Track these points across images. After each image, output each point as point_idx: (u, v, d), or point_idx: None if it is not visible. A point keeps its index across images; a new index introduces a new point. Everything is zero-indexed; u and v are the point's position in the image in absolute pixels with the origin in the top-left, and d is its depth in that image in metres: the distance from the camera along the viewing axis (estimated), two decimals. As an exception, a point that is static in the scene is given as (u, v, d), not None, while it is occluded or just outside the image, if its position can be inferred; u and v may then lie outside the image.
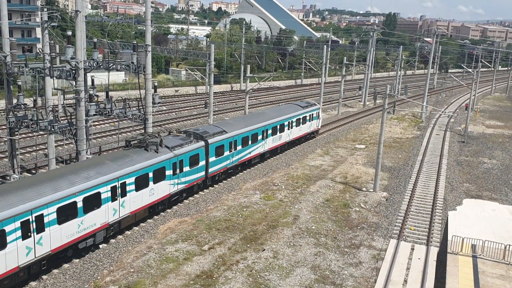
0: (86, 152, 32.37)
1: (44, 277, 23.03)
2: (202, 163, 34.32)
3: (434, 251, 26.74)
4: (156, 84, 37.62)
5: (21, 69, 32.46)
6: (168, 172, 30.48)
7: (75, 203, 23.52)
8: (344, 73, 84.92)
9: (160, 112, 62.92)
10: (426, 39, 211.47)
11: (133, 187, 27.39)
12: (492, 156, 50.02)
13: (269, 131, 43.79)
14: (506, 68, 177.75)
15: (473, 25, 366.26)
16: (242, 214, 30.61)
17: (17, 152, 35.51)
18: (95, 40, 36.58)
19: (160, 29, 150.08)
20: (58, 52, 35.27)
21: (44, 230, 22.04)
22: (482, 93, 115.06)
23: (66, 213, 23.14)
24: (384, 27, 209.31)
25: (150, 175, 28.72)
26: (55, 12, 35.80)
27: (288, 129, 47.49)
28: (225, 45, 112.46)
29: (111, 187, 25.76)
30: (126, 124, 52.42)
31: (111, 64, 33.48)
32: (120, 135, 48.52)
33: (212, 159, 35.69)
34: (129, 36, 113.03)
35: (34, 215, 21.42)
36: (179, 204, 32.85)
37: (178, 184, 31.80)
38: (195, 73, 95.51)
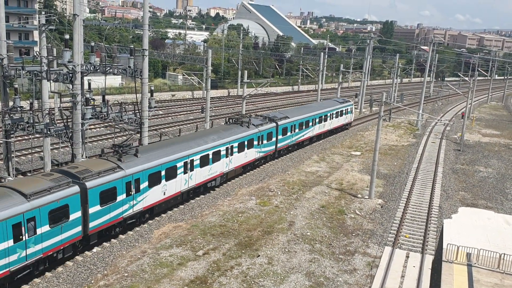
0: (82, 156, 32.28)
1: (37, 280, 22.87)
2: (273, 139, 45.18)
3: (429, 259, 26.73)
4: (152, 88, 37.61)
5: (18, 71, 32.41)
6: (255, 143, 41.73)
7: (208, 155, 34.93)
8: (341, 80, 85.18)
9: (156, 117, 62.86)
10: (423, 47, 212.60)
11: (236, 150, 38.73)
12: (488, 164, 50.16)
13: (317, 120, 54.58)
14: (503, 77, 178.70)
15: (470, 34, 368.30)
16: (237, 219, 30.53)
17: (12, 155, 35.38)
18: (93, 44, 36.58)
19: (158, 34, 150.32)
20: (55, 55, 35.30)
21: (193, 170, 33.39)
22: (478, 101, 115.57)
23: (204, 161, 34.46)
24: (381, 35, 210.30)
25: (246, 143, 40.09)
26: (53, 15, 35.81)
27: (330, 119, 58.42)
28: (223, 51, 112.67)
29: (226, 148, 37.13)
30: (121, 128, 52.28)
31: (108, 68, 33.47)
32: (115, 139, 48.43)
33: (280, 137, 46.30)
34: (126, 40, 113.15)
35: (189, 159, 32.83)
36: (174, 209, 32.78)
37: (259, 152, 42.95)
38: (192, 78, 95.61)
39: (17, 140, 43.31)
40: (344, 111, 62.84)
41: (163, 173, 30.12)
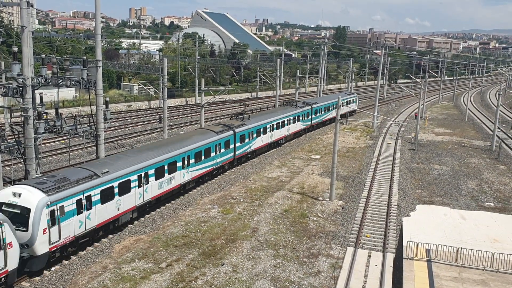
0: (36, 172, 31.21)
1: (-8, 304, 21.88)
2: (310, 117, 65.41)
3: (390, 257, 27.26)
4: (107, 99, 36.80)
5: (-37, 87, 31.04)
6: (300, 118, 61.68)
7: (279, 122, 54.91)
8: (298, 86, 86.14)
9: (112, 128, 61.61)
10: (375, 51, 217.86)
11: (292, 121, 58.71)
12: (442, 162, 51.79)
13: (334, 106, 71.75)
14: (452, 78, 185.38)
15: (419, 37, 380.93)
16: (200, 229, 30.23)
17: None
18: (43, 56, 35.50)
19: (111, 44, 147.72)
20: (3, 69, 34.07)
21: (273, 131, 53.09)
22: (430, 102, 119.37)
23: (277, 126, 54.34)
24: (334, 40, 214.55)
25: (296, 118, 60.02)
26: (-1, 27, 34.52)
27: (342, 106, 73.71)
28: (179, 59, 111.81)
29: (287, 119, 57.01)
30: (77, 142, 50.98)
31: (61, 81, 32.60)
32: (71, 153, 47.14)
33: (313, 116, 66.48)
34: (79, 52, 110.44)
35: (271, 124, 52.68)
36: (135, 222, 32.13)
37: (302, 125, 63.13)
38: (148, 87, 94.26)
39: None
40: (351, 101, 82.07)
41: (261, 130, 50.16)
